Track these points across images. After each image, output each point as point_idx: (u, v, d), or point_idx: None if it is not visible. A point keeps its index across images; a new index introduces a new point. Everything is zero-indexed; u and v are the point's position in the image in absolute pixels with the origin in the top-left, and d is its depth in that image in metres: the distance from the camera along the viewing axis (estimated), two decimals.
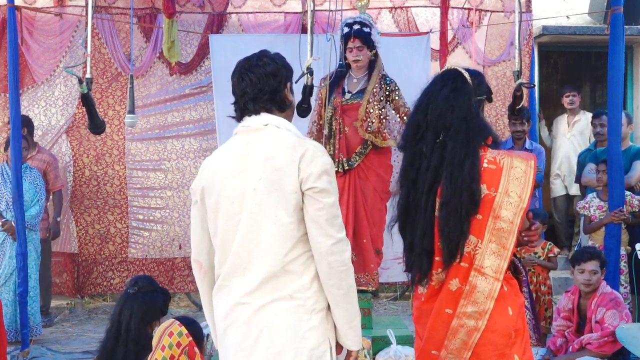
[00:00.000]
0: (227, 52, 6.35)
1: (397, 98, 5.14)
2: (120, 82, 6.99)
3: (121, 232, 7.06)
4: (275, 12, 7.12)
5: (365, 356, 4.65)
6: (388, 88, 5.15)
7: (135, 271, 6.98)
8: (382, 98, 5.11)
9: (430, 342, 2.68)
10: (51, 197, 6.56)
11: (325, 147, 5.07)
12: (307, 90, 4.95)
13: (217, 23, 7.02)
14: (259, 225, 2.42)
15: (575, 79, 9.66)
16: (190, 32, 6.99)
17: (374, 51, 5.18)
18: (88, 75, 4.82)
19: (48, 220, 6.53)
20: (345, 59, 5.17)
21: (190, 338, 3.27)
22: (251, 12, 7.08)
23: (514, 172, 2.58)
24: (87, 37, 4.89)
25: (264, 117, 2.52)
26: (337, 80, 5.16)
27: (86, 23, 4.91)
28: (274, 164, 2.41)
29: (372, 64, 5.16)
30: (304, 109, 5.05)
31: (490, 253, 2.58)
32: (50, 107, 7.06)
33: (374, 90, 5.10)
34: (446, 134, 2.64)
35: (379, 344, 4.77)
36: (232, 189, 2.46)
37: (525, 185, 2.58)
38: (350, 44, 5.11)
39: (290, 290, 2.42)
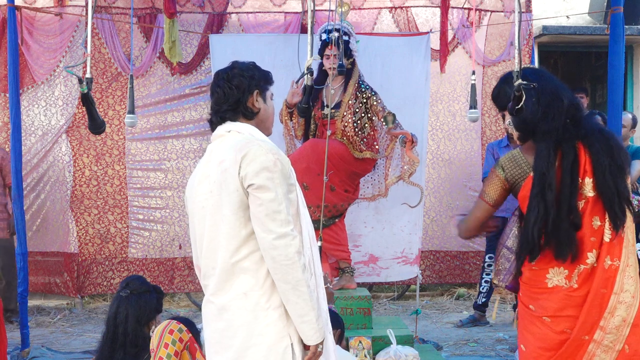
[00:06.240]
0: (227, 52, 6.34)
1: (375, 104, 5.20)
2: (120, 82, 6.99)
3: (121, 232, 7.06)
4: (275, 12, 7.12)
5: (365, 356, 4.65)
6: (364, 96, 5.19)
7: (135, 271, 6.97)
8: (357, 109, 5.17)
9: (583, 328, 2.73)
10: (8, 191, 6.50)
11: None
12: (307, 91, 4.95)
13: (217, 23, 7.02)
14: (217, 225, 2.53)
15: (575, 79, 9.66)
16: (190, 32, 6.99)
17: (351, 59, 5.21)
18: (88, 75, 4.81)
19: (8, 219, 6.47)
20: (322, 65, 5.21)
21: (190, 334, 3.31)
22: (251, 12, 7.08)
23: None
24: (87, 36, 4.88)
25: (228, 124, 2.66)
26: (321, 82, 5.20)
27: (86, 23, 4.90)
28: (223, 166, 2.52)
29: (349, 72, 5.19)
30: (304, 109, 5.05)
31: None
32: (50, 107, 7.06)
33: (349, 102, 5.16)
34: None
35: (379, 344, 4.77)
36: (200, 194, 2.60)
37: None
38: (327, 51, 5.14)
39: (245, 289, 2.49)
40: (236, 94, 2.65)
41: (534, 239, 2.77)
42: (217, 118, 2.70)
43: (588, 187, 2.77)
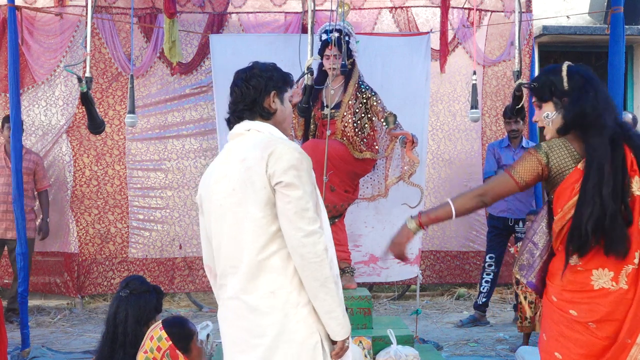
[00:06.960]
0: (228, 52, 6.35)
1: (375, 104, 5.20)
2: (121, 82, 6.99)
3: (121, 232, 7.07)
4: (275, 12, 7.12)
5: (365, 356, 4.65)
6: (364, 96, 5.19)
7: (135, 271, 6.98)
8: (357, 110, 5.17)
9: (628, 331, 2.70)
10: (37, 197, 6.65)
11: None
12: (307, 91, 4.95)
13: (218, 23, 7.02)
14: (240, 223, 2.51)
15: None
16: (190, 32, 6.99)
17: (351, 60, 5.21)
18: (88, 74, 4.82)
19: (35, 221, 6.60)
20: (322, 65, 5.21)
21: (170, 342, 3.25)
22: (251, 12, 7.09)
23: None
24: (86, 36, 4.89)
25: (246, 123, 2.66)
26: (321, 82, 5.19)
27: (86, 23, 4.92)
28: (247, 164, 2.52)
29: (349, 72, 5.19)
30: (303, 109, 5.06)
31: None
32: (50, 107, 7.06)
33: (350, 102, 5.16)
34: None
35: (379, 344, 4.76)
36: (218, 193, 2.58)
37: None
38: (327, 52, 5.14)
39: (273, 287, 2.48)
40: (253, 94, 2.65)
41: (588, 233, 2.70)
42: (234, 117, 2.69)
43: (636, 185, 2.75)
